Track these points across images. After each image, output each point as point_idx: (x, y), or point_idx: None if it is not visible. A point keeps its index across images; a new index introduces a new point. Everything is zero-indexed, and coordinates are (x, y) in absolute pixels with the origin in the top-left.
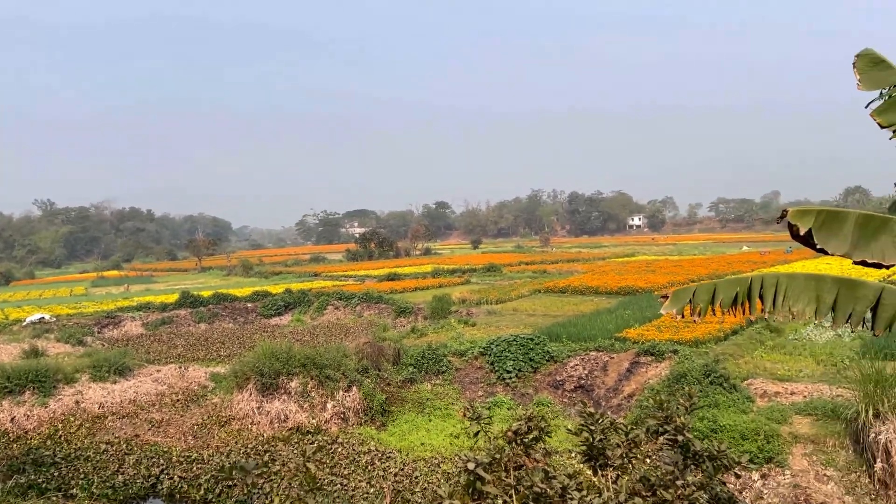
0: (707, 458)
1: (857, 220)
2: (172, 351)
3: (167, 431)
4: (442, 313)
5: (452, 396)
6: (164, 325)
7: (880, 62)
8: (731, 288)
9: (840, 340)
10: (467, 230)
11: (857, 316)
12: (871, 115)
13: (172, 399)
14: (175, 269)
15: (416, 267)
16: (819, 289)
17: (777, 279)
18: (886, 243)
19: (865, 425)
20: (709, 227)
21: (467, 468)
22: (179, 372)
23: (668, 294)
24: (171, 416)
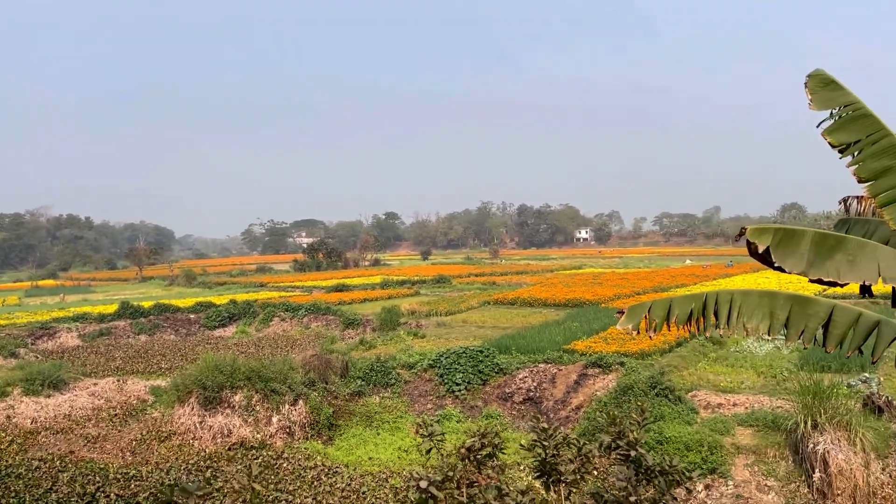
0: (659, 474)
1: (812, 238)
2: (111, 363)
3: (104, 447)
4: (391, 325)
5: (401, 409)
6: (103, 336)
7: (831, 83)
8: (686, 304)
9: (779, 353)
10: (417, 241)
11: (810, 332)
12: (823, 134)
13: (110, 414)
14: (115, 278)
15: (365, 278)
16: (773, 305)
17: (731, 296)
18: (841, 262)
19: (804, 436)
20: (653, 240)
21: (419, 486)
22: (118, 385)
23: (624, 309)
24: (108, 431)
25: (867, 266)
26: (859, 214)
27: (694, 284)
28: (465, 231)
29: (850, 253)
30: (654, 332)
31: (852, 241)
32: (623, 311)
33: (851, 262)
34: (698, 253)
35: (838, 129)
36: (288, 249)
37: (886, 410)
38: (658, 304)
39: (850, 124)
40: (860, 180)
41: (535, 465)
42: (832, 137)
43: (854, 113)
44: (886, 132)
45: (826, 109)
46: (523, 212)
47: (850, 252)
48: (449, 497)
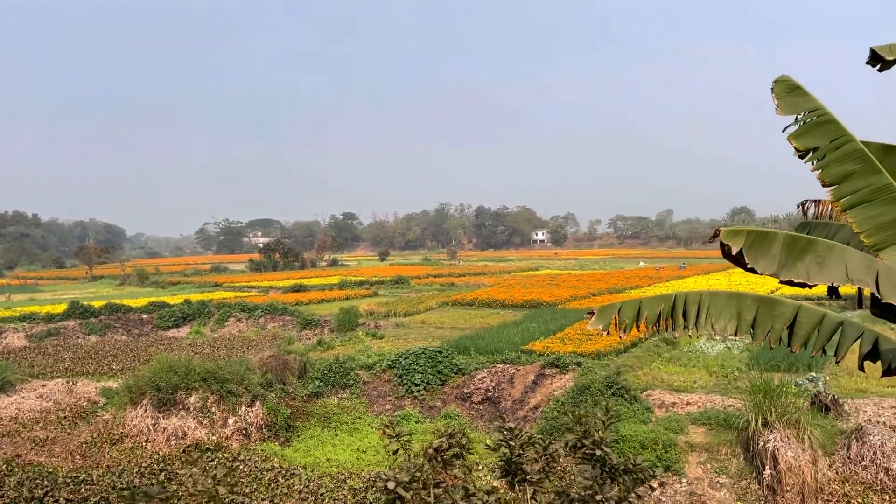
0: (623, 472)
1: (784, 240)
2: (60, 365)
3: (52, 451)
4: (349, 326)
5: (360, 410)
6: (51, 336)
7: (796, 88)
8: (655, 305)
9: (730, 353)
10: (375, 242)
11: (776, 333)
12: (788, 139)
13: (59, 416)
14: (63, 277)
15: (323, 279)
16: (740, 306)
17: (700, 297)
18: (811, 264)
19: (755, 434)
20: (608, 242)
21: (387, 487)
22: (67, 387)
23: (595, 310)
24: (57, 434)
25: (835, 268)
26: (816, 218)
27: (648, 286)
28: (423, 232)
29: (819, 255)
30: (625, 332)
31: (821, 243)
32: (594, 312)
33: (820, 264)
34: (651, 255)
35: (803, 134)
36: (243, 249)
37: (832, 408)
38: (628, 304)
39: (815, 129)
40: (824, 184)
41: (501, 465)
42: (797, 142)
43: (818, 118)
44: (849, 138)
45: (791, 115)
46: (481, 213)
47: (819, 254)
48: (416, 497)
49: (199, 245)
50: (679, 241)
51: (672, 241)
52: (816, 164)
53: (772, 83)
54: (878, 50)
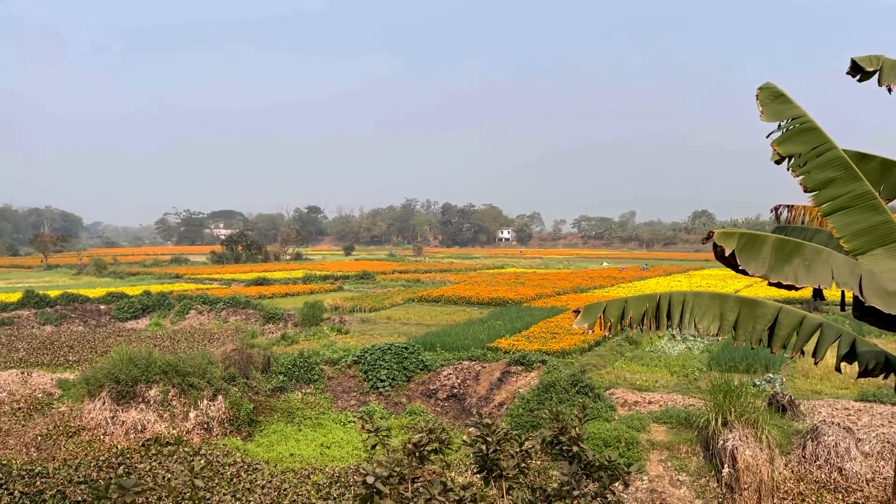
0: (599, 469)
1: (773, 243)
2: (13, 355)
3: (6, 443)
4: (314, 320)
5: (324, 406)
6: (4, 326)
7: (780, 96)
8: (640, 304)
9: (691, 353)
10: (340, 236)
11: (757, 334)
12: (772, 144)
13: (13, 407)
14: (17, 265)
15: (287, 272)
16: (723, 307)
17: (684, 297)
18: (799, 267)
19: (715, 433)
20: (572, 242)
21: (366, 482)
22: (21, 378)
23: (580, 309)
24: (10, 425)
25: (822, 271)
26: (788, 222)
27: (611, 286)
28: (388, 227)
29: (807, 259)
30: (610, 331)
31: (809, 247)
32: (579, 311)
33: (808, 268)
34: (615, 256)
35: (786, 140)
36: (205, 241)
37: (789, 409)
38: (613, 304)
39: (798, 136)
40: (806, 190)
41: (477, 461)
42: (781, 148)
43: (801, 126)
44: (831, 145)
45: (775, 121)
46: (447, 210)
47: (806, 258)
48: (394, 492)
49: (160, 235)
50: (641, 243)
51: (634, 242)
52: (798, 171)
53: (756, 90)
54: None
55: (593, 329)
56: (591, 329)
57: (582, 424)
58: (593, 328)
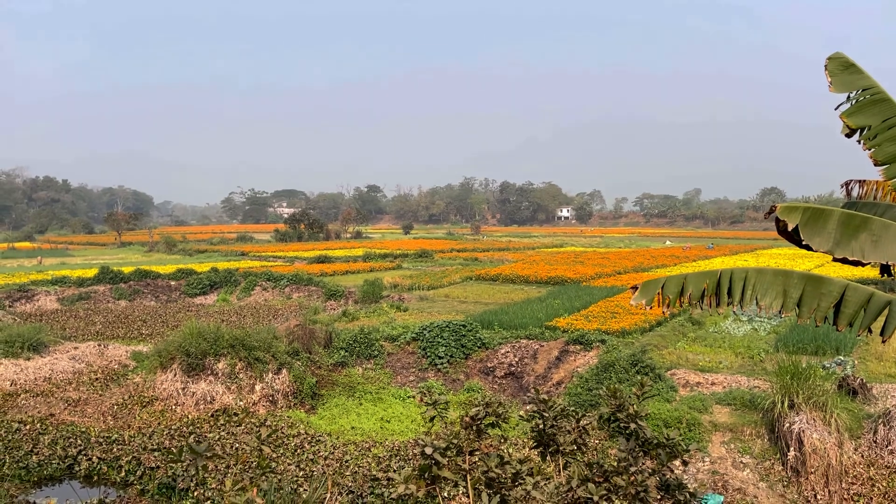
0: (657, 446)
1: (839, 218)
2: (91, 328)
3: (85, 411)
4: (373, 298)
5: (384, 381)
6: (82, 300)
7: (850, 66)
8: (699, 280)
9: (756, 334)
10: (398, 215)
11: (822, 311)
12: (841, 116)
13: (91, 378)
14: (93, 242)
15: (347, 250)
16: (786, 284)
17: (746, 273)
18: (866, 242)
19: (781, 415)
20: (633, 221)
21: (424, 452)
22: (98, 350)
23: (638, 286)
24: (89, 395)
25: (891, 247)
26: (860, 198)
27: (674, 265)
28: (447, 206)
29: (875, 233)
30: (668, 307)
31: (876, 221)
32: (637, 287)
33: (875, 243)
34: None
35: (856, 112)
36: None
37: (860, 392)
38: (672, 280)
39: (869, 108)
40: (876, 163)
41: (534, 436)
42: (850, 120)
43: (872, 97)
44: None
45: (845, 92)
46: (505, 189)
47: (874, 232)
48: (452, 463)
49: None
50: (706, 221)
51: (699, 220)
52: (869, 143)
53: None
54: None
55: (651, 306)
56: (649, 306)
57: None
58: (651, 305)
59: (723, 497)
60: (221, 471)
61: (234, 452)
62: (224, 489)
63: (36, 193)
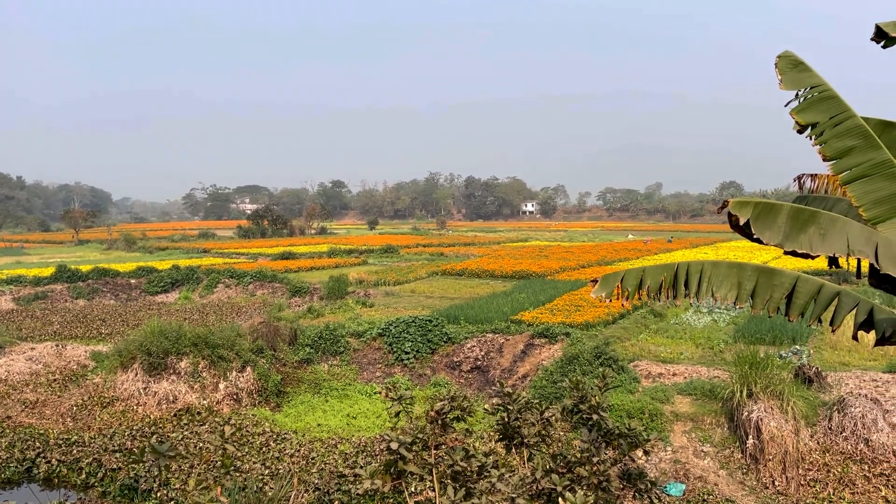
0: (619, 436)
1: (789, 212)
2: (48, 328)
3: (43, 413)
4: (339, 294)
5: (350, 377)
6: (38, 300)
7: (799, 64)
8: (657, 274)
9: (716, 325)
10: (363, 210)
11: (774, 302)
12: (791, 113)
13: (49, 379)
14: (49, 241)
15: (312, 246)
16: (741, 276)
17: (702, 266)
18: (814, 235)
19: (740, 404)
20: (597, 215)
21: (390, 448)
22: (56, 350)
23: (598, 279)
24: (47, 396)
25: (837, 240)
26: (812, 191)
27: (636, 259)
28: (412, 201)
29: (822, 227)
30: (627, 300)
31: (824, 215)
32: (597, 280)
33: (823, 236)
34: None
35: (805, 109)
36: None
37: (816, 381)
38: (631, 273)
39: (817, 105)
40: (825, 158)
41: (498, 429)
42: (799, 117)
43: (820, 94)
44: (850, 114)
45: (794, 90)
46: (471, 184)
47: (822, 226)
48: (418, 458)
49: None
50: (667, 215)
51: (661, 214)
52: (817, 139)
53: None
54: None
55: (611, 298)
56: (608, 298)
57: (602, 393)
58: (611, 297)
59: (684, 485)
60: (185, 471)
61: (198, 452)
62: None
63: None
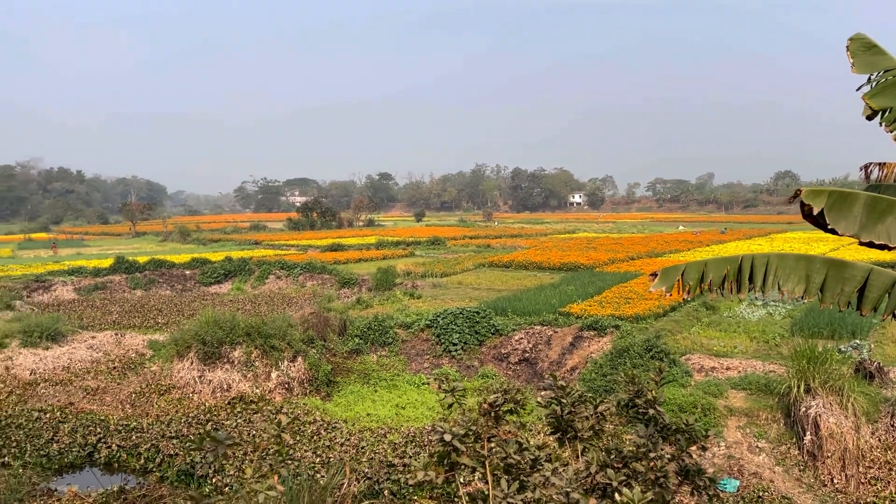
0: (676, 432)
1: (865, 201)
2: (107, 317)
3: (103, 399)
4: (387, 285)
5: (398, 368)
6: (98, 290)
7: (872, 46)
8: (720, 266)
9: (771, 318)
10: (410, 202)
11: (845, 296)
12: (864, 97)
13: (109, 366)
14: (108, 233)
15: (360, 238)
16: (809, 269)
17: (767, 259)
18: (892, 225)
19: (797, 400)
20: (646, 206)
21: (443, 439)
22: (116, 339)
23: (657, 272)
24: (107, 383)
25: None
26: (880, 180)
27: (688, 250)
28: (458, 193)
29: None
30: (689, 294)
31: None
32: (657, 274)
33: None
34: (691, 219)
35: (878, 93)
36: (281, 208)
37: (877, 376)
38: (692, 266)
39: (891, 89)
40: None
41: (551, 422)
42: (872, 101)
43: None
44: None
45: (867, 73)
46: (517, 175)
47: None
48: (471, 450)
49: (238, 203)
50: (720, 206)
51: (712, 205)
52: (891, 125)
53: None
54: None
55: (671, 293)
56: (668, 292)
57: (658, 387)
58: (671, 291)
59: (739, 481)
60: (239, 458)
61: (252, 440)
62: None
63: (51, 184)
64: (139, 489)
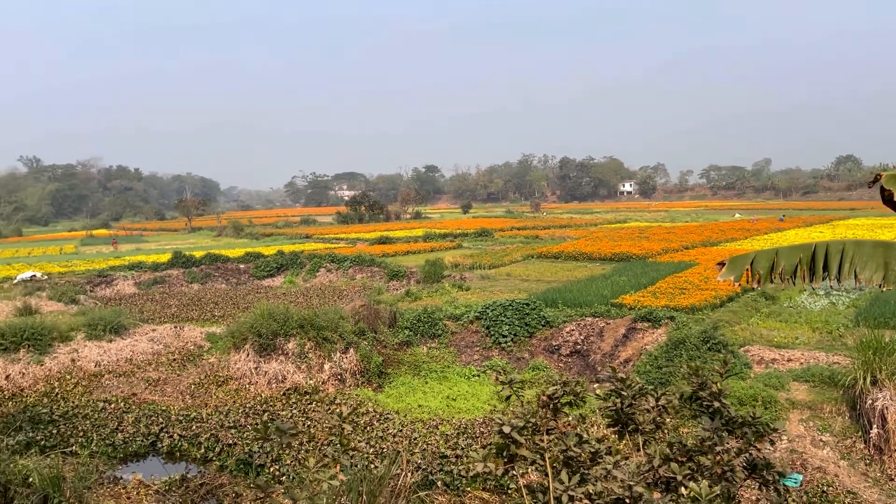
0: (743, 425)
1: None
2: (166, 311)
3: (164, 390)
4: (435, 277)
5: (448, 360)
6: (157, 284)
7: None
8: (792, 254)
9: (835, 308)
10: (457, 194)
11: None
12: None
13: (169, 358)
14: (165, 228)
15: (407, 231)
16: (887, 256)
17: (843, 246)
18: None
19: (863, 392)
20: (700, 194)
21: (502, 431)
22: (175, 331)
23: (725, 261)
24: (167, 375)
25: None
26: None
27: (744, 239)
28: (505, 184)
29: None
30: (759, 283)
31: None
32: (724, 263)
33: None
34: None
35: None
36: (330, 202)
37: None
38: (762, 254)
39: None
40: None
41: (610, 415)
42: None
43: None
44: None
45: None
46: (565, 164)
47: None
48: (530, 442)
49: (288, 198)
50: (777, 192)
51: (769, 191)
52: None
53: None
54: None
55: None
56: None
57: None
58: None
59: (802, 476)
60: (295, 447)
61: (307, 430)
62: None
63: (110, 182)
64: (200, 477)
